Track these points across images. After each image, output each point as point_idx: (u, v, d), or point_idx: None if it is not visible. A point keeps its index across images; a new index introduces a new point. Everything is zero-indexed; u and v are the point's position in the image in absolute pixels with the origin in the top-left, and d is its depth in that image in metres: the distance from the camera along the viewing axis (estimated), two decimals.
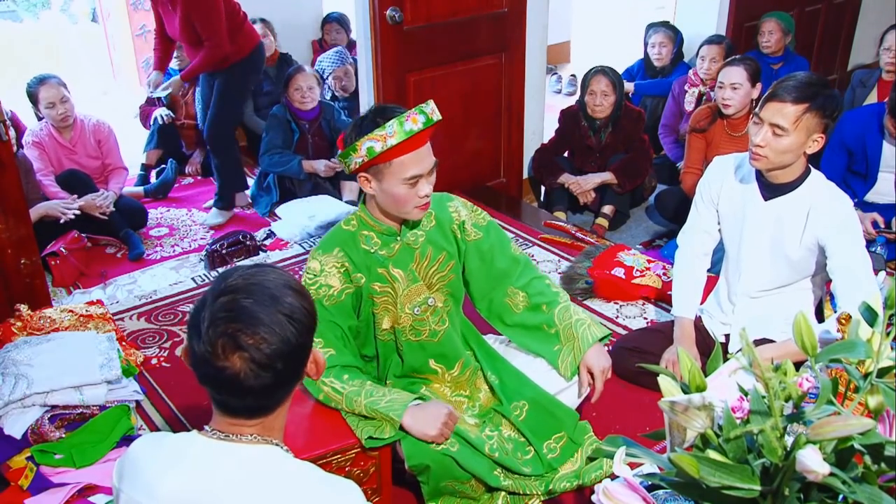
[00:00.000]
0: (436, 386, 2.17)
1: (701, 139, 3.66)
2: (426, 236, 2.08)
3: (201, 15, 3.67)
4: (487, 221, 2.18)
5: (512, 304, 2.21)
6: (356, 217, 2.05)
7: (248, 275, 1.20)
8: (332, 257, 2.00)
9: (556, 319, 2.16)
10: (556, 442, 2.12)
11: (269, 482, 1.17)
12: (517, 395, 2.15)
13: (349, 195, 4.20)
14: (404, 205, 1.93)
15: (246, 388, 1.16)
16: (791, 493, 0.94)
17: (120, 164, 4.05)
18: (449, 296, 2.15)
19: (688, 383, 1.02)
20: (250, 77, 4.02)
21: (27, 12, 7.34)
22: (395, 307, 2.06)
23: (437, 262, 2.10)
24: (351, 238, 2.03)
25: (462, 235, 2.14)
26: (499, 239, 2.19)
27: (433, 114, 1.88)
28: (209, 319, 1.15)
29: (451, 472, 1.97)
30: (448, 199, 2.17)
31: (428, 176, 1.92)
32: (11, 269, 2.85)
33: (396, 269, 2.04)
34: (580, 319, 2.16)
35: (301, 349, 1.20)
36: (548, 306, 2.18)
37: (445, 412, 1.95)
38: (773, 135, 2.15)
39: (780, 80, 2.19)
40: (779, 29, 4.56)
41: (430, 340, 2.13)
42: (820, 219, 2.22)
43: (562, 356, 2.15)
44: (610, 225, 4.01)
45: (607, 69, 3.92)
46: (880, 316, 0.99)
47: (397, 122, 1.83)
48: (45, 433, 2.30)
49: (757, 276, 2.39)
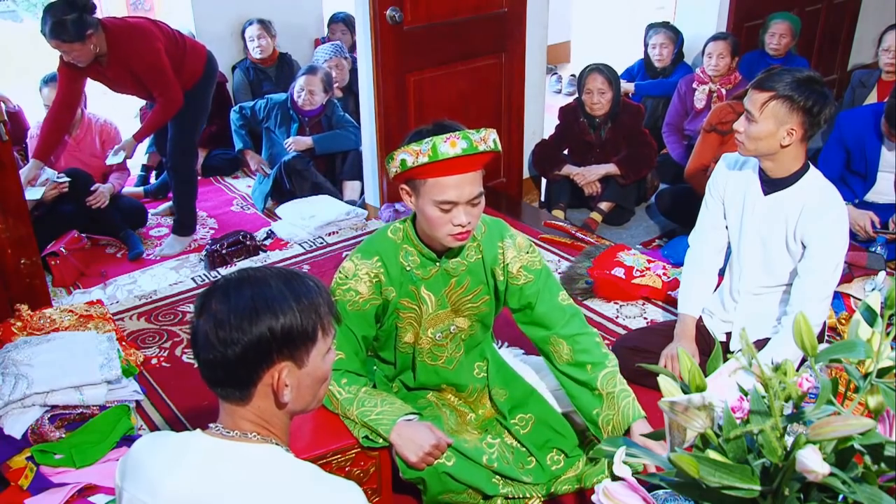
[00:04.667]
0: (441, 393, 2.17)
1: (717, 137, 3.64)
2: (468, 268, 1.98)
3: (145, 69, 3.38)
4: (542, 266, 2.04)
5: (554, 352, 2.04)
6: (403, 229, 1.96)
7: (279, 273, 1.25)
8: (368, 264, 1.92)
9: (600, 385, 1.97)
10: (559, 454, 2.10)
11: (270, 482, 1.17)
12: (524, 408, 2.12)
13: (350, 195, 4.21)
14: (436, 229, 1.83)
15: (209, 352, 1.19)
16: (791, 493, 0.94)
17: (122, 165, 4.05)
18: (476, 321, 2.08)
19: (688, 383, 1.02)
20: (206, 93, 3.74)
21: (27, 12, 7.34)
22: (418, 325, 2.02)
23: (471, 293, 2.01)
24: (393, 248, 1.95)
25: (505, 277, 2.02)
26: (547, 285, 2.04)
27: (480, 143, 1.75)
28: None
29: (446, 485, 1.95)
30: (500, 238, 2.02)
31: (467, 206, 1.80)
32: (11, 269, 2.85)
33: (428, 291, 1.98)
34: (625, 391, 1.98)
35: (264, 338, 1.18)
36: (593, 368, 1.99)
37: (432, 442, 1.89)
38: (746, 121, 2.23)
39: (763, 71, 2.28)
40: (789, 32, 4.55)
41: (446, 367, 2.10)
42: (809, 220, 2.24)
43: (602, 419, 1.98)
44: (608, 221, 4.02)
45: (602, 66, 3.92)
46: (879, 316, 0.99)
47: (434, 141, 1.73)
48: (45, 433, 2.30)
49: (756, 271, 2.41)
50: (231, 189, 4.59)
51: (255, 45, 4.83)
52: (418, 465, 1.91)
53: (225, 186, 4.63)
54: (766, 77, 2.22)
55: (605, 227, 4.02)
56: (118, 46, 3.31)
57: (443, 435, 1.94)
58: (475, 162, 1.78)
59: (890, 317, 0.98)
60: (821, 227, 2.23)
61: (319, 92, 4.22)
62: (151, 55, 3.36)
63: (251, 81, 4.91)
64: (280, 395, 1.22)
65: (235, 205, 4.38)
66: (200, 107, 3.73)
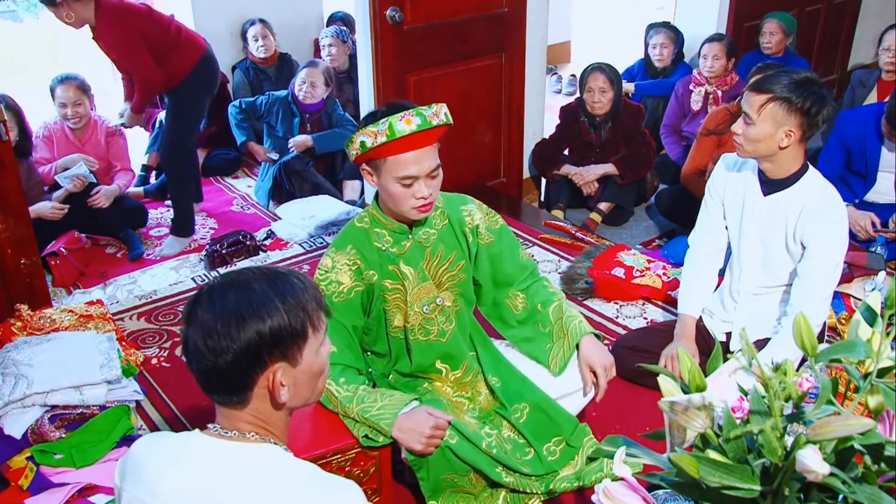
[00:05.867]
0: (438, 384, 2.17)
1: (714, 141, 3.64)
2: (438, 235, 2.07)
3: (120, 50, 3.56)
4: (500, 225, 2.18)
5: (512, 305, 2.22)
6: (368, 214, 2.04)
7: (264, 273, 1.24)
8: (344, 255, 1.99)
9: (551, 317, 2.17)
10: (556, 445, 2.12)
11: (269, 481, 1.17)
12: (518, 398, 2.14)
13: (350, 195, 4.21)
14: (400, 203, 1.92)
15: (201, 361, 1.18)
16: (791, 493, 0.94)
17: (127, 167, 4.06)
18: (459, 296, 2.14)
19: (688, 383, 1.02)
20: (198, 91, 3.76)
21: (27, 12, 7.34)
22: (405, 304, 2.06)
23: (447, 261, 2.09)
24: (364, 235, 2.02)
25: (475, 238, 2.13)
26: (509, 244, 2.19)
27: (433, 118, 1.85)
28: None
29: (450, 463, 1.97)
30: (462, 202, 2.15)
31: (427, 179, 1.90)
32: (11, 269, 2.85)
33: (407, 266, 2.04)
34: (571, 315, 2.16)
35: (254, 343, 1.17)
36: (542, 305, 2.19)
37: (430, 423, 1.91)
38: (744, 123, 2.23)
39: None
40: (780, 30, 4.57)
41: (439, 340, 2.13)
42: (809, 221, 2.24)
43: (552, 353, 2.15)
44: (607, 221, 4.02)
45: (604, 66, 3.93)
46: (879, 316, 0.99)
47: (389, 120, 1.80)
48: (45, 433, 2.30)
49: (756, 272, 2.41)
50: (231, 189, 4.59)
51: (258, 45, 4.84)
52: (424, 452, 1.92)
53: (225, 186, 4.63)
54: (763, 79, 2.22)
55: (604, 227, 4.02)
56: (100, 21, 3.46)
57: (441, 413, 1.96)
58: (430, 136, 1.87)
59: (890, 317, 0.98)
60: (820, 228, 2.23)
61: (321, 85, 4.23)
62: (125, 37, 3.49)
63: (251, 81, 4.91)
64: (277, 395, 1.22)
65: (235, 205, 4.38)
66: (189, 109, 3.75)
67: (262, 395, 1.22)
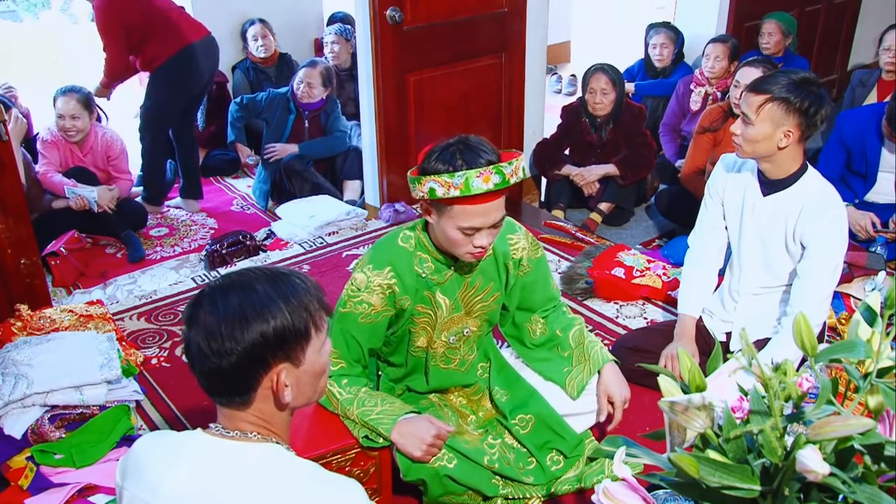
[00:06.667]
0: (444, 394, 2.17)
1: (709, 139, 3.64)
2: (479, 267, 2.00)
3: (99, 28, 3.79)
4: (539, 255, 2.11)
5: (531, 330, 2.19)
6: (415, 237, 1.94)
7: (265, 274, 1.24)
8: (381, 276, 1.90)
9: (571, 342, 2.15)
10: (558, 455, 2.11)
11: (271, 480, 1.17)
12: (524, 409, 2.12)
13: (350, 195, 4.21)
14: (456, 248, 1.84)
15: (204, 363, 1.18)
16: (791, 493, 0.94)
17: (126, 175, 4.04)
18: (485, 321, 2.10)
19: (688, 383, 1.02)
20: (173, 80, 3.93)
21: (27, 12, 7.34)
22: (432, 330, 2.02)
23: (483, 291, 2.03)
24: (406, 257, 1.93)
25: (515, 271, 2.07)
26: (544, 275, 2.15)
27: (512, 176, 1.74)
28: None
29: (447, 487, 1.95)
30: (510, 230, 2.04)
31: (490, 229, 1.81)
32: (11, 269, 2.85)
33: (443, 296, 1.98)
34: (592, 342, 2.14)
35: (258, 344, 1.17)
36: (562, 330, 2.17)
37: (432, 432, 1.89)
38: (743, 123, 2.23)
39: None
40: (779, 31, 4.56)
41: (458, 370, 2.11)
42: (808, 221, 2.24)
43: (570, 376, 2.12)
44: (607, 221, 4.02)
45: (606, 67, 3.93)
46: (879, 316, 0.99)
47: (467, 176, 1.70)
48: (45, 433, 2.30)
49: (756, 272, 2.41)
50: (231, 189, 4.60)
51: (259, 45, 4.84)
52: (423, 459, 1.90)
53: (225, 186, 4.63)
54: (761, 79, 2.23)
55: (604, 227, 4.02)
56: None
57: (443, 424, 1.94)
58: (503, 190, 1.77)
59: (890, 317, 0.98)
60: (820, 228, 2.23)
61: (318, 85, 4.22)
62: (103, 16, 3.75)
63: (251, 81, 4.91)
64: (281, 395, 1.22)
65: (235, 205, 4.38)
66: (161, 88, 3.96)
67: (265, 395, 1.22)
